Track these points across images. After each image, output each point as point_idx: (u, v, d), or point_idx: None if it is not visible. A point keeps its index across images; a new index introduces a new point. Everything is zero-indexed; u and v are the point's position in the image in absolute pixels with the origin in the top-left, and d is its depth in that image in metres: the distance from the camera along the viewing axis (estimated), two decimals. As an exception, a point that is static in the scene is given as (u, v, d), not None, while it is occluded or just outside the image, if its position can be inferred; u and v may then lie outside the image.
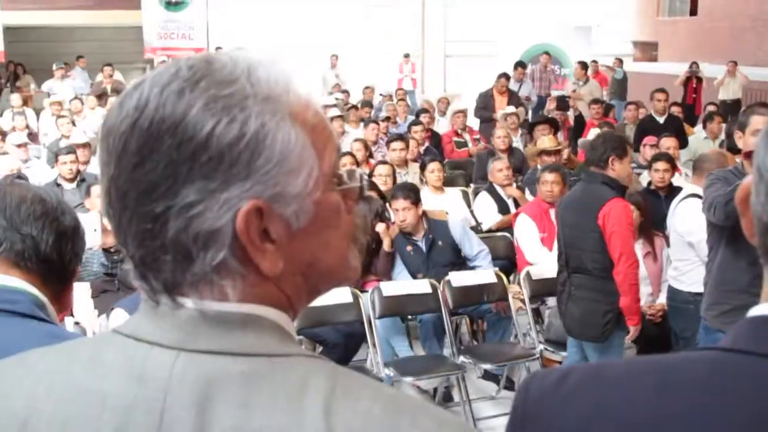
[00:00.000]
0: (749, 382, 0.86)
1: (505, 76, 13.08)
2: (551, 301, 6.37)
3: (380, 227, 6.17)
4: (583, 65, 16.23)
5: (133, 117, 0.91)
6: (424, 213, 6.39)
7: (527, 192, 7.92)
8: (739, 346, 0.90)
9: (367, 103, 14.49)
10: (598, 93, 14.93)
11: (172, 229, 0.90)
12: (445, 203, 7.48)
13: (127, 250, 0.95)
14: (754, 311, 0.92)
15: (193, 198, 0.89)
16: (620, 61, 17.70)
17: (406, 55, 21.30)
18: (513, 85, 13.64)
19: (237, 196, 0.90)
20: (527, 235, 6.67)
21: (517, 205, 7.65)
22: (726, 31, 20.67)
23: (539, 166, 8.06)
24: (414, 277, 6.19)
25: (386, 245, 6.18)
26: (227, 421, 0.88)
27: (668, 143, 8.39)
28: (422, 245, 6.29)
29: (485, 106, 12.69)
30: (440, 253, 6.29)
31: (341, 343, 5.70)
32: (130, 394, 0.92)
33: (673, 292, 5.37)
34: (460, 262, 6.36)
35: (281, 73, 0.96)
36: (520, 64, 14.67)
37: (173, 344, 0.92)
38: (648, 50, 25.06)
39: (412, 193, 6.24)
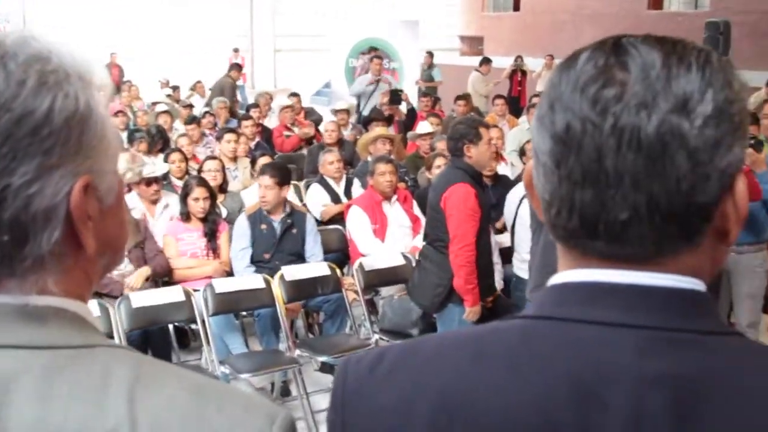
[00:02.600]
0: (557, 345, 0.90)
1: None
2: (385, 291, 6.48)
3: None
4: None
5: None
6: (288, 201, 6.43)
7: (358, 184, 7.96)
8: (544, 312, 0.94)
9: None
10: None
11: (10, 209, 0.87)
12: (278, 197, 7.45)
13: None
14: (554, 279, 0.96)
15: (31, 175, 0.87)
16: (431, 56, 17.98)
17: (236, 50, 21.08)
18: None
19: (71, 171, 0.90)
20: (360, 227, 6.72)
21: (348, 196, 7.68)
22: (547, 26, 21.54)
23: (370, 159, 8.13)
24: (260, 257, 6.19)
25: None
26: (27, 415, 0.86)
27: (493, 134, 8.63)
28: (277, 227, 6.28)
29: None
30: (292, 240, 6.32)
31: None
32: None
33: (520, 282, 5.52)
34: (303, 255, 6.39)
35: (80, 54, 0.96)
36: (378, 57, 14.60)
37: None
38: (474, 44, 25.77)
39: (279, 173, 6.25)
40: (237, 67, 14.74)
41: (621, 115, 0.86)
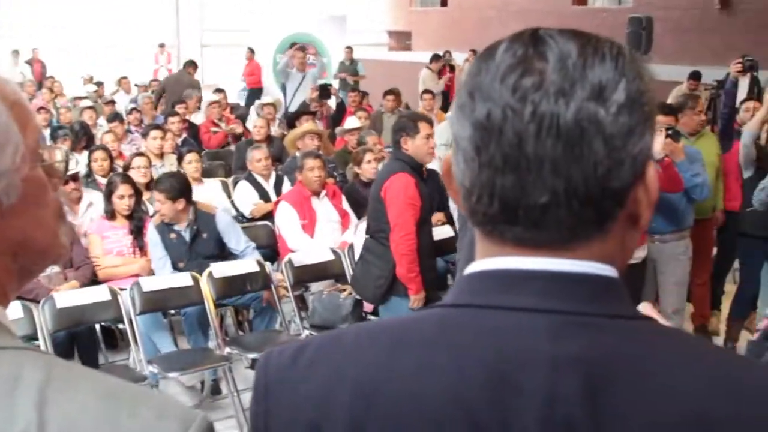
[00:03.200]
0: (473, 333, 0.92)
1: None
2: (314, 286, 6.46)
3: None
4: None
5: None
6: (194, 203, 6.28)
7: (286, 180, 7.93)
8: (461, 301, 0.96)
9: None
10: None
11: None
12: (205, 194, 7.36)
13: None
14: (471, 268, 0.98)
15: None
16: (351, 51, 17.96)
17: (161, 45, 20.79)
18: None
19: None
20: (288, 223, 6.69)
21: (279, 194, 7.64)
22: (474, 21, 21.70)
23: (298, 154, 8.12)
24: (175, 266, 6.08)
25: None
26: None
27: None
28: (185, 235, 6.17)
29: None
30: (203, 244, 6.19)
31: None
32: None
33: None
34: (224, 255, 6.27)
35: None
36: (301, 49, 14.50)
37: None
38: (402, 39, 25.84)
39: (169, 187, 6.08)
40: (193, 64, 14.67)
41: (540, 103, 0.88)
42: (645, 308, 1.24)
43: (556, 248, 0.93)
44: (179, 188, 6.11)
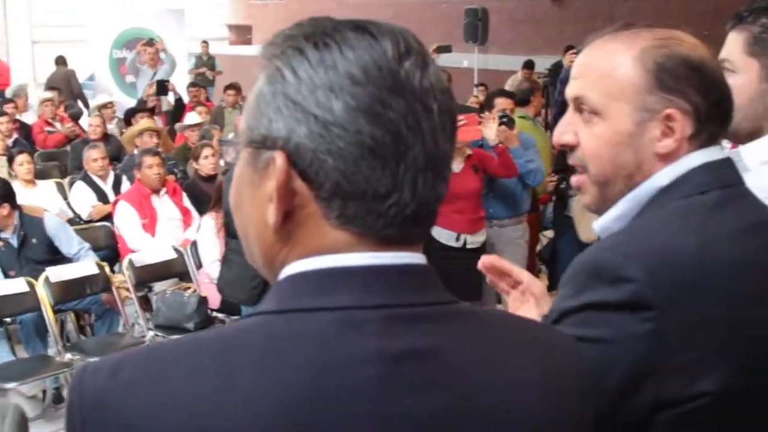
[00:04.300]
0: (299, 339, 0.88)
1: None
2: (158, 286, 6.37)
3: None
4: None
5: None
6: (19, 208, 6.02)
7: (125, 179, 7.75)
8: (283, 306, 0.91)
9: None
10: None
11: None
12: (38, 196, 7.12)
13: None
14: (290, 269, 0.94)
15: None
16: (207, 45, 17.77)
17: (-11, 42, 19.91)
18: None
19: None
20: (128, 222, 6.57)
21: (116, 193, 7.47)
22: (313, 13, 21.47)
23: (136, 152, 7.95)
24: (6, 274, 5.85)
25: None
26: None
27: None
28: (13, 241, 5.93)
29: None
30: (33, 249, 5.98)
31: None
32: None
33: None
34: (58, 259, 6.05)
35: None
36: (149, 44, 14.12)
37: None
38: (242, 33, 25.63)
39: None
40: (63, 59, 14.42)
41: (440, 100, 0.92)
42: None
43: (408, 242, 0.93)
44: (1, 194, 5.86)
